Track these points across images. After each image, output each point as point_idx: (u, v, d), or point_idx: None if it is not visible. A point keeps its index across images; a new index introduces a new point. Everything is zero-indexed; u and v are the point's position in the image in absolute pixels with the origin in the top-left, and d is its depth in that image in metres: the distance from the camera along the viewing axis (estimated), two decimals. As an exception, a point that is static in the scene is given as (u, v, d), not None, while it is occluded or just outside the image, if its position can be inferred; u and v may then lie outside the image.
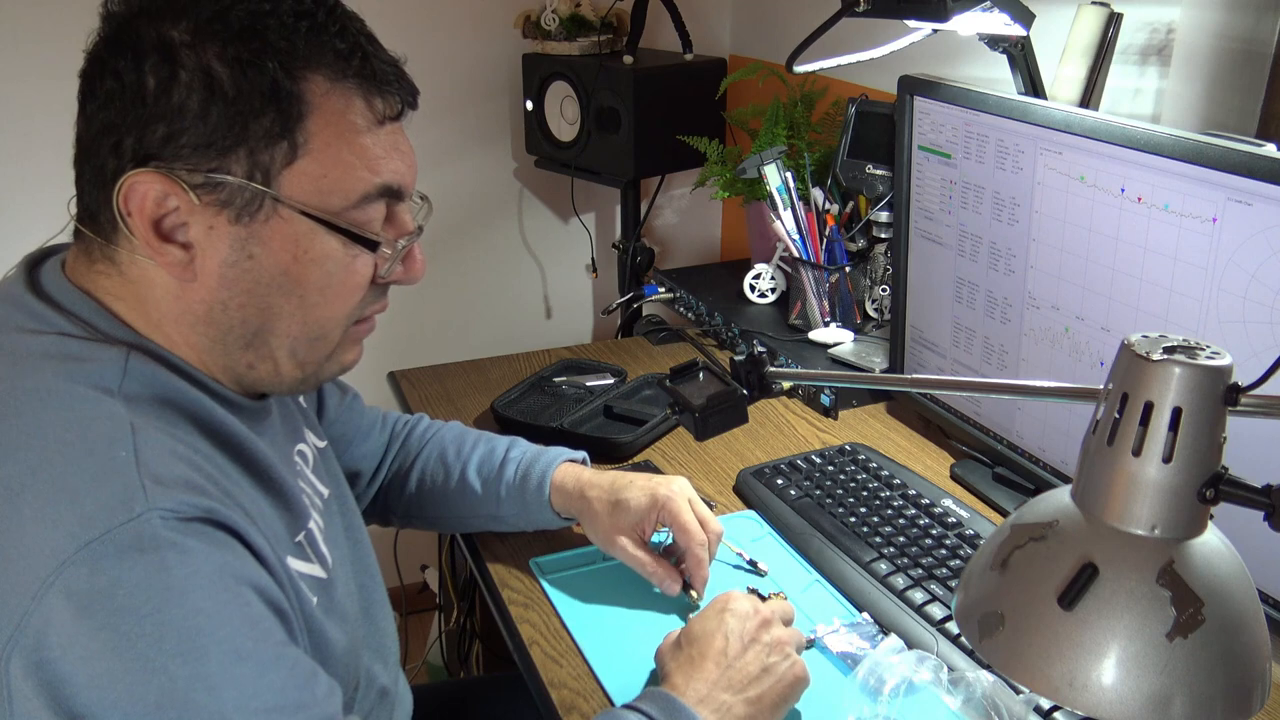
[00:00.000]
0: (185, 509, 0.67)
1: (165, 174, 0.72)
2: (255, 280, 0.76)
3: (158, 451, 0.69)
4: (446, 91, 2.23)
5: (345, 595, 0.89)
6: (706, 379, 1.08)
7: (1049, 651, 0.58)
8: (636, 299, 2.01)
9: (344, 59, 0.75)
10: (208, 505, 0.68)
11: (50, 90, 1.90)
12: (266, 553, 0.73)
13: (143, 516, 0.65)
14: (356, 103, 0.76)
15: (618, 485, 1.10)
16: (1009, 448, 1.29)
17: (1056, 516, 0.61)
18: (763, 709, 0.90)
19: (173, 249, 0.74)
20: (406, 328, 2.36)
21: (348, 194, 0.76)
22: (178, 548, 0.65)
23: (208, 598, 0.66)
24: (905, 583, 1.09)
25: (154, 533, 0.65)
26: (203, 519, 0.68)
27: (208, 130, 0.72)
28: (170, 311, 0.77)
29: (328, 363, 0.83)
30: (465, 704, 1.40)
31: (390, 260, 0.81)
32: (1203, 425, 0.57)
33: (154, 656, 0.63)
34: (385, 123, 0.78)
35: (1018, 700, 0.91)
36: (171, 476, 0.68)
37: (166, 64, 0.71)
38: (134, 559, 0.64)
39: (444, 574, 1.82)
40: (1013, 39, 1.25)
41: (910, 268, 1.41)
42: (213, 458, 0.75)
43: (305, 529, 0.84)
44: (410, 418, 1.26)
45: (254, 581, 0.70)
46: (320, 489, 0.94)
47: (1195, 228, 0.98)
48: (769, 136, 1.81)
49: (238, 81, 0.71)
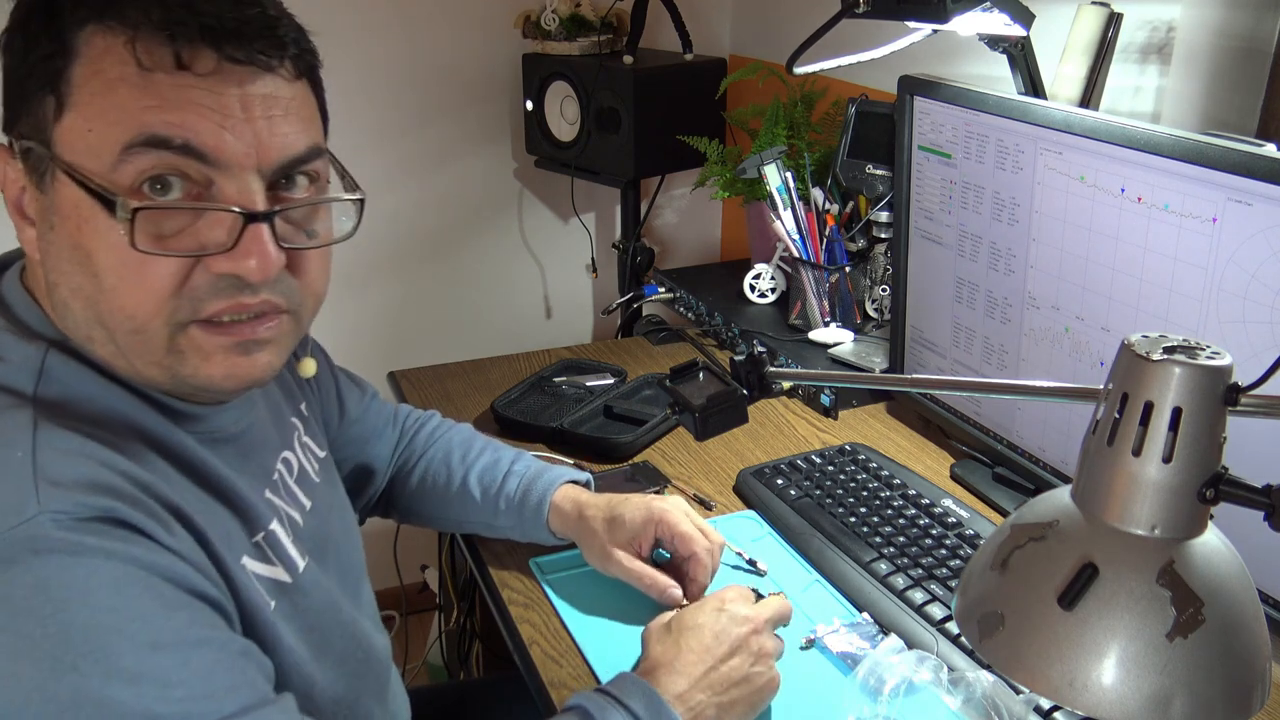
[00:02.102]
0: (81, 509, 0.65)
1: (4, 148, 0.71)
2: (59, 256, 0.71)
3: (60, 453, 0.67)
4: (446, 91, 2.23)
5: (325, 604, 0.87)
6: (706, 379, 1.08)
7: (1049, 651, 0.58)
8: (636, 299, 2.01)
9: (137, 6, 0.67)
10: (107, 505, 0.66)
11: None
12: (187, 550, 0.70)
13: (33, 519, 0.63)
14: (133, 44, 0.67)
15: (614, 502, 1.10)
16: (1009, 448, 1.29)
17: (1056, 516, 0.61)
18: (732, 715, 0.90)
19: (27, 226, 0.72)
20: (406, 328, 2.36)
21: (111, 147, 0.67)
22: (74, 548, 0.63)
23: (111, 594, 0.64)
24: (905, 583, 1.09)
25: (46, 534, 0.63)
26: (100, 518, 0.65)
27: (11, 93, 0.70)
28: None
29: (181, 368, 0.73)
30: (465, 704, 1.40)
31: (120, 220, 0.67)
32: (1203, 425, 0.57)
33: (62, 656, 0.61)
34: (177, 72, 0.67)
35: (1018, 700, 0.91)
36: (71, 478, 0.66)
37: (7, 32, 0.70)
38: (28, 561, 0.62)
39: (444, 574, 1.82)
40: (1013, 39, 1.25)
41: (910, 268, 1.41)
42: (140, 454, 0.71)
43: (266, 530, 0.82)
44: (422, 414, 1.25)
45: (167, 571, 0.67)
46: (302, 499, 0.92)
47: (1195, 228, 0.98)
48: (769, 136, 1.81)
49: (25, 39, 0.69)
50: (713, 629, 0.93)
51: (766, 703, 0.94)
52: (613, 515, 1.09)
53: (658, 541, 1.09)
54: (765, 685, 0.93)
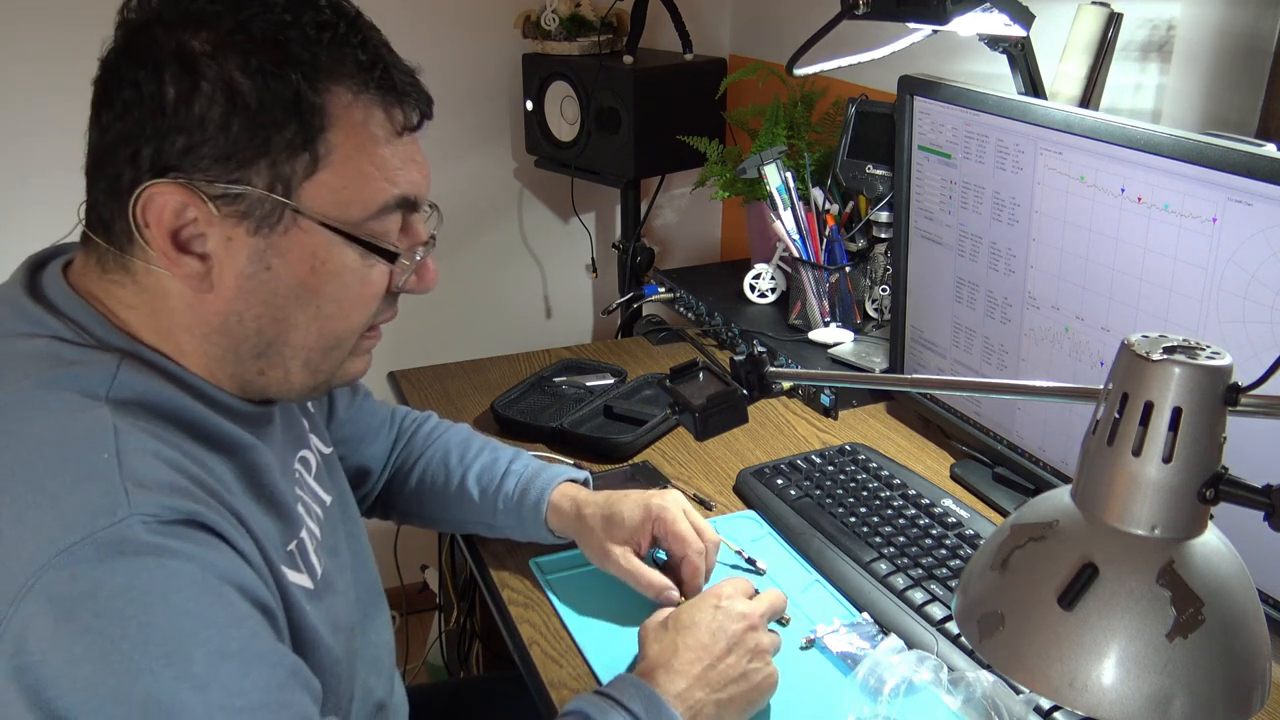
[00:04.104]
0: (167, 513, 0.66)
1: (185, 185, 0.71)
2: (272, 292, 0.76)
3: (141, 455, 0.69)
4: (446, 91, 2.21)
5: (342, 605, 0.88)
6: (706, 379, 1.08)
7: (1049, 651, 0.58)
8: (636, 299, 2.01)
9: (365, 70, 0.75)
10: (190, 508, 0.68)
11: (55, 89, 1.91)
12: (253, 556, 0.72)
13: (124, 521, 0.65)
14: (377, 114, 0.76)
15: (612, 499, 1.11)
16: (1009, 448, 1.29)
17: (1056, 516, 0.61)
18: (731, 712, 0.91)
19: (190, 260, 0.74)
20: (406, 328, 2.34)
21: (367, 205, 0.76)
22: (160, 550, 0.65)
23: (191, 599, 0.65)
24: (905, 583, 1.09)
25: (135, 536, 0.64)
26: (185, 521, 0.67)
27: (229, 142, 0.71)
28: (184, 321, 0.76)
29: (338, 372, 0.84)
30: (465, 704, 1.40)
31: (407, 271, 0.81)
32: (1203, 425, 0.57)
33: (138, 659, 0.62)
34: (404, 134, 0.78)
35: (1018, 700, 0.91)
36: (154, 480, 0.68)
37: (187, 74, 0.70)
38: (115, 563, 0.63)
39: (444, 574, 1.82)
40: (1012, 39, 1.25)
41: (910, 268, 1.41)
42: (203, 461, 0.74)
43: (297, 538, 0.83)
44: (418, 414, 1.26)
45: (237, 580, 0.69)
46: (322, 495, 0.94)
47: (1195, 228, 0.98)
48: (769, 136, 1.81)
49: (260, 93, 0.71)
50: (709, 626, 0.93)
51: (765, 699, 0.94)
52: (610, 513, 1.09)
53: (656, 539, 1.10)
54: (763, 682, 0.93)
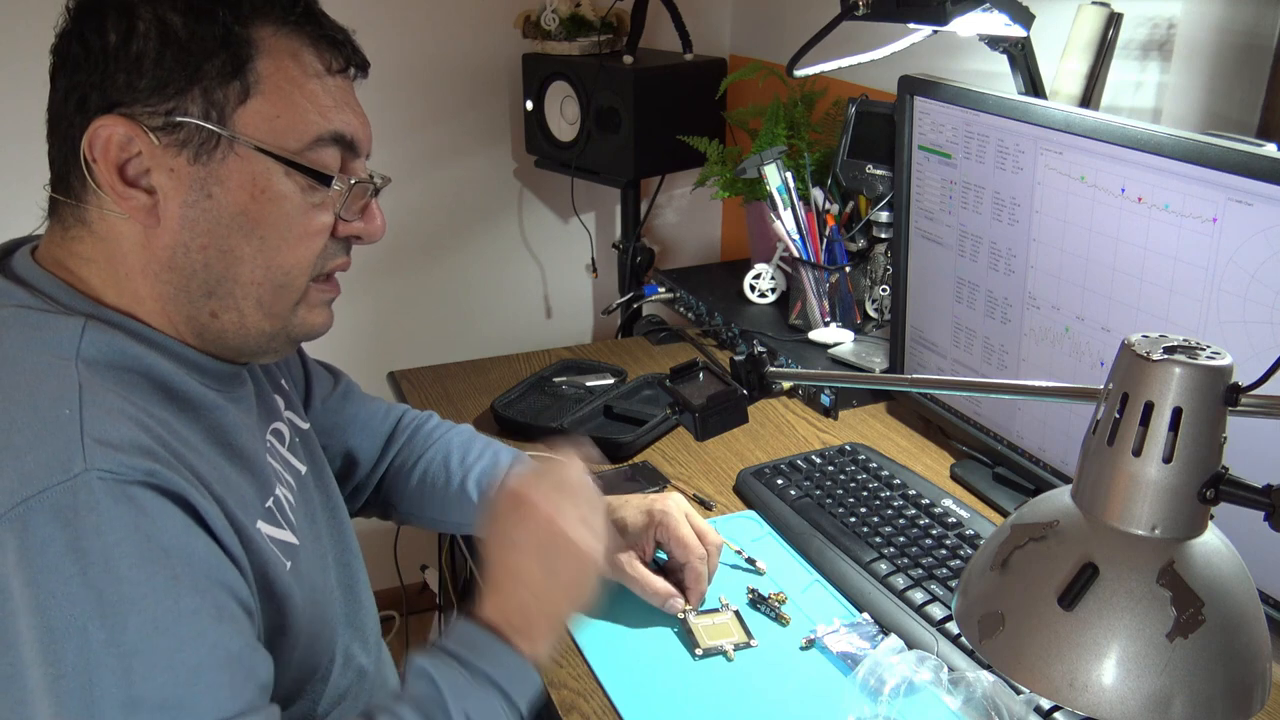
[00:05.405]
0: (126, 471, 0.67)
1: (126, 117, 0.75)
2: (215, 220, 0.78)
3: (105, 412, 0.70)
4: (446, 91, 2.23)
5: (318, 569, 0.89)
6: (706, 379, 1.08)
7: (1049, 652, 0.58)
8: (636, 299, 2.01)
9: (288, 9, 0.79)
10: (149, 468, 0.69)
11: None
12: (215, 519, 0.73)
13: (79, 476, 0.66)
14: (305, 51, 0.80)
15: (614, 505, 1.10)
16: (1009, 448, 1.29)
17: (1056, 516, 0.61)
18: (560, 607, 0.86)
19: (137, 193, 0.76)
20: (406, 328, 2.36)
21: (300, 135, 0.79)
22: (111, 510, 0.66)
23: (134, 566, 0.66)
24: (905, 583, 1.09)
25: (90, 493, 0.65)
26: (142, 482, 0.68)
27: (164, 73, 0.75)
28: (137, 264, 0.78)
29: (294, 317, 0.84)
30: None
31: (343, 198, 0.82)
32: (1203, 425, 0.57)
33: (75, 617, 0.64)
34: (335, 75, 0.81)
35: (1018, 700, 0.91)
36: (116, 438, 0.69)
37: (124, 18, 0.75)
38: (67, 518, 0.65)
39: (444, 574, 1.82)
40: (1013, 39, 1.25)
41: (910, 268, 1.41)
42: (169, 422, 0.75)
43: (273, 494, 0.85)
44: (419, 414, 1.26)
45: (188, 551, 0.70)
46: (296, 465, 0.95)
47: (1195, 228, 0.98)
48: (769, 136, 1.81)
49: (190, 27, 0.75)
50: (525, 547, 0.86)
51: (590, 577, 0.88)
52: (613, 519, 1.09)
53: (659, 543, 1.09)
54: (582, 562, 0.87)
